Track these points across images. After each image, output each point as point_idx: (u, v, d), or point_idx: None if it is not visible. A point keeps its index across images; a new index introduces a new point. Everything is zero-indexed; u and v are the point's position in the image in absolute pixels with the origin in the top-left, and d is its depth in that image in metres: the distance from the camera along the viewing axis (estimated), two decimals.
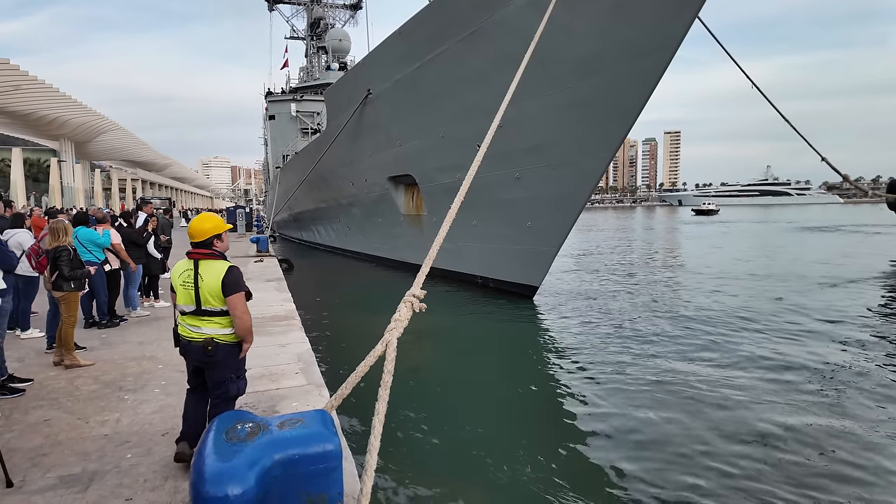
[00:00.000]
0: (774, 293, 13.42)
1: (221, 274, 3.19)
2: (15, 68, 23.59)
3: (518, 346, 9.60)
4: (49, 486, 3.12)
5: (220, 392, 3.27)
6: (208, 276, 3.19)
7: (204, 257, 3.28)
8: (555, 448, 5.50)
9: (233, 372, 3.30)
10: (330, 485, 2.42)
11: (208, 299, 3.19)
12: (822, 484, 4.64)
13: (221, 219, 3.52)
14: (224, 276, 3.19)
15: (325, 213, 26.55)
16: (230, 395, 3.29)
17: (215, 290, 3.18)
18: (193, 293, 3.20)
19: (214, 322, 3.23)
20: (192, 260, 3.29)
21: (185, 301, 3.26)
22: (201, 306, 3.20)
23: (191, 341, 3.26)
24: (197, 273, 3.22)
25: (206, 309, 3.20)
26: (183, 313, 3.30)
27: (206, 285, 3.18)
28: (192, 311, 3.24)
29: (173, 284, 3.34)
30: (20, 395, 4.59)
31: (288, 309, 8.36)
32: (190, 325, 3.26)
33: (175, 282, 3.32)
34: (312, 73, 39.87)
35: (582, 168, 10.91)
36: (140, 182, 63.34)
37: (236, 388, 3.32)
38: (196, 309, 3.22)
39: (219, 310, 3.22)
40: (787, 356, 8.24)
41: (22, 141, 40.45)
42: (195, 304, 3.21)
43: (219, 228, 3.39)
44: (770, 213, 79.68)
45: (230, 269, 3.24)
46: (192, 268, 3.26)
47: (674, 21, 8.57)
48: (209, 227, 3.35)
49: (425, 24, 12.48)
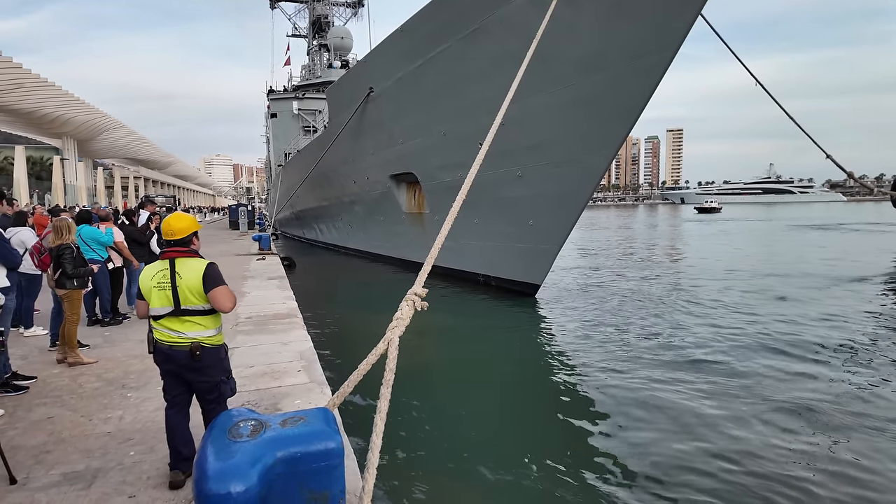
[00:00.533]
0: (778, 292, 13.40)
1: (201, 270, 3.10)
2: (17, 66, 23.64)
3: (520, 345, 9.61)
4: (53, 483, 3.14)
5: (213, 397, 3.17)
6: (187, 274, 3.09)
7: (182, 255, 3.18)
8: (556, 446, 5.51)
9: (223, 374, 3.20)
10: (332, 482, 2.43)
11: (188, 297, 3.07)
12: (831, 488, 4.63)
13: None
14: (205, 271, 3.10)
15: (327, 211, 26.58)
16: (225, 397, 3.21)
17: (196, 287, 3.07)
18: (171, 293, 3.07)
19: (197, 324, 3.10)
20: (166, 260, 3.17)
21: (160, 303, 3.09)
22: (180, 305, 3.07)
23: (171, 346, 3.09)
24: (174, 272, 3.10)
25: (185, 308, 3.07)
26: (158, 317, 3.11)
27: (185, 283, 3.07)
28: (169, 313, 3.08)
29: (144, 289, 3.15)
30: (24, 392, 4.61)
31: (290, 307, 8.38)
32: (169, 328, 3.10)
33: (147, 285, 3.13)
34: (314, 71, 39.85)
35: (584, 166, 10.89)
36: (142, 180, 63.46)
37: (230, 388, 3.24)
38: (175, 309, 3.07)
39: (199, 308, 3.09)
40: (793, 356, 8.23)
41: (25, 139, 40.56)
42: (173, 304, 3.07)
43: (196, 226, 3.33)
44: (773, 211, 79.48)
45: (210, 264, 3.16)
46: (167, 268, 3.13)
47: (676, 18, 8.55)
48: (188, 225, 3.27)
49: (427, 22, 12.48)
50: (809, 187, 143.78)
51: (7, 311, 4.86)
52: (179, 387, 3.21)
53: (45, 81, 26.57)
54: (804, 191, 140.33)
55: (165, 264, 3.15)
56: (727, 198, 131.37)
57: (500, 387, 7.43)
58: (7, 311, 4.86)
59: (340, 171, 20.66)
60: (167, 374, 3.20)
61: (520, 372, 8.08)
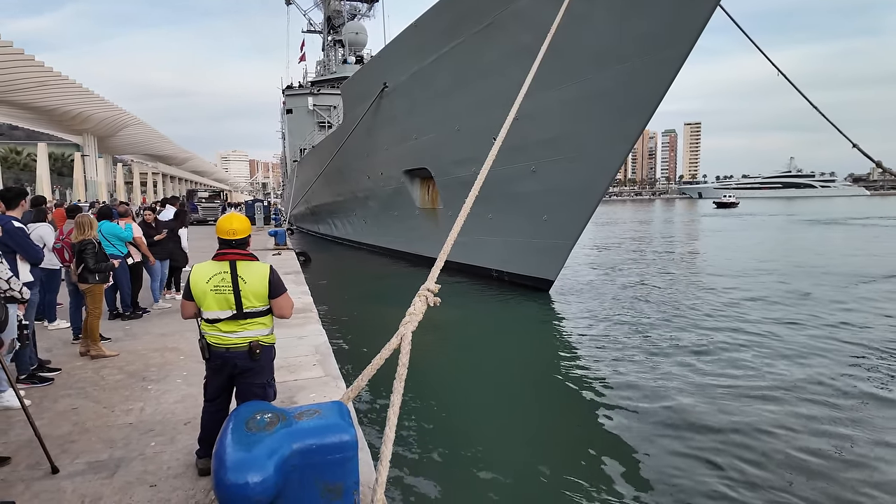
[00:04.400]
0: (802, 290, 13.13)
1: (266, 275, 3.04)
2: (40, 65, 24.05)
3: (533, 340, 9.60)
4: (78, 472, 3.24)
5: (258, 399, 3.07)
6: (252, 278, 3.01)
7: (242, 257, 3.08)
8: (567, 443, 5.52)
9: (270, 376, 3.21)
10: (346, 474, 2.47)
11: (251, 301, 3.00)
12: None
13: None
14: (270, 277, 3.05)
15: (341, 207, 26.74)
16: (269, 400, 3.15)
17: (261, 292, 3.01)
18: (233, 297, 2.97)
19: (258, 323, 3.06)
20: (224, 262, 3.04)
21: (219, 307, 2.99)
22: (243, 309, 2.99)
23: (229, 349, 3.03)
24: (236, 275, 2.99)
25: (247, 311, 3.01)
26: (215, 321, 3.02)
27: (249, 287, 2.99)
28: (230, 317, 3.01)
29: (197, 291, 3.02)
30: (49, 384, 4.75)
31: (305, 301, 8.46)
32: (227, 331, 3.02)
33: (201, 288, 3.00)
34: (329, 67, 40.00)
35: (599, 161, 10.81)
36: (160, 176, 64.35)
37: (273, 392, 3.24)
38: (237, 313, 3.00)
39: (261, 309, 3.06)
40: (812, 358, 8.11)
41: (47, 136, 41.38)
42: (234, 308, 2.99)
43: (250, 228, 3.27)
44: (793, 205, 77.96)
45: (273, 269, 3.11)
46: (226, 271, 3.01)
47: (693, 10, 8.42)
48: (248, 226, 3.20)
49: (441, 17, 12.46)
50: (831, 181, 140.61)
51: (32, 305, 4.99)
52: (224, 389, 3.20)
53: (66, 79, 26.99)
54: (826, 185, 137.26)
55: (224, 266, 3.03)
56: (746, 192, 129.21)
57: (513, 382, 7.44)
58: (32, 305, 4.99)
59: (355, 167, 20.76)
60: (215, 375, 3.15)
61: (533, 368, 8.08)
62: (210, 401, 3.22)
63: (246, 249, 3.18)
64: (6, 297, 3.66)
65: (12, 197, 5.18)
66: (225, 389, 3.22)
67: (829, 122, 11.82)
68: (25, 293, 3.83)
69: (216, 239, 3.23)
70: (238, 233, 3.13)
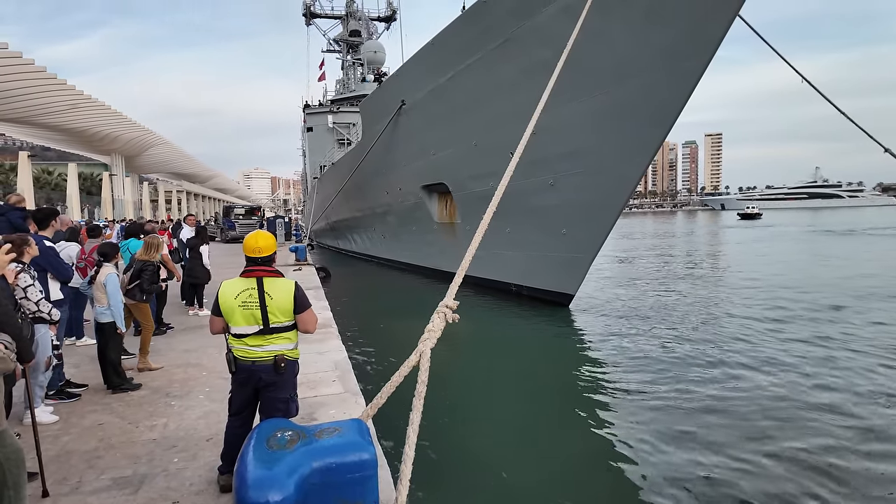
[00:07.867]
0: (831, 304, 12.75)
1: (291, 291, 3.14)
2: (71, 88, 24.94)
3: (554, 356, 9.48)
4: (103, 488, 3.28)
5: (279, 414, 3.16)
6: (278, 294, 3.11)
7: (269, 274, 3.18)
8: (590, 463, 5.41)
9: (293, 390, 3.28)
10: (366, 493, 2.47)
11: (277, 316, 3.10)
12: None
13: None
14: (295, 293, 3.14)
15: (360, 222, 26.98)
16: (292, 415, 3.23)
17: (287, 308, 3.11)
18: (260, 313, 3.08)
19: (283, 338, 3.16)
20: (251, 279, 3.15)
21: (246, 322, 3.09)
22: (269, 325, 3.09)
23: (255, 362, 3.12)
24: (263, 291, 3.10)
25: (274, 326, 3.11)
26: (242, 335, 3.11)
27: (275, 303, 3.09)
28: (256, 332, 3.10)
29: (226, 307, 3.12)
30: (76, 399, 4.85)
31: (325, 317, 8.51)
32: (254, 345, 3.11)
33: (230, 304, 3.10)
34: (348, 85, 40.66)
35: (618, 174, 10.73)
36: (185, 193, 65.84)
37: (295, 406, 3.30)
38: (263, 328, 3.10)
39: (287, 324, 3.15)
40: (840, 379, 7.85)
41: (77, 156, 42.74)
42: (262, 323, 3.09)
43: (275, 245, 3.37)
44: (819, 216, 75.98)
45: (298, 286, 3.20)
46: (253, 287, 3.11)
47: (712, 21, 8.38)
48: (272, 244, 3.29)
49: (458, 35, 12.60)
50: (859, 191, 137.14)
51: (62, 322, 5.12)
52: (249, 402, 3.26)
53: (96, 101, 27.91)
54: (854, 195, 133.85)
55: (251, 283, 3.13)
56: (770, 203, 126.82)
57: (534, 399, 7.34)
58: (62, 322, 5.12)
59: (373, 183, 20.97)
60: (241, 389, 3.22)
61: (553, 386, 7.96)
62: (234, 415, 3.28)
63: (272, 266, 3.27)
64: (34, 317, 3.76)
65: (43, 217, 5.34)
66: (249, 404, 3.26)
67: (857, 127, 11.52)
68: (55, 314, 3.93)
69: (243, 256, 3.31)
70: (264, 250, 3.22)
